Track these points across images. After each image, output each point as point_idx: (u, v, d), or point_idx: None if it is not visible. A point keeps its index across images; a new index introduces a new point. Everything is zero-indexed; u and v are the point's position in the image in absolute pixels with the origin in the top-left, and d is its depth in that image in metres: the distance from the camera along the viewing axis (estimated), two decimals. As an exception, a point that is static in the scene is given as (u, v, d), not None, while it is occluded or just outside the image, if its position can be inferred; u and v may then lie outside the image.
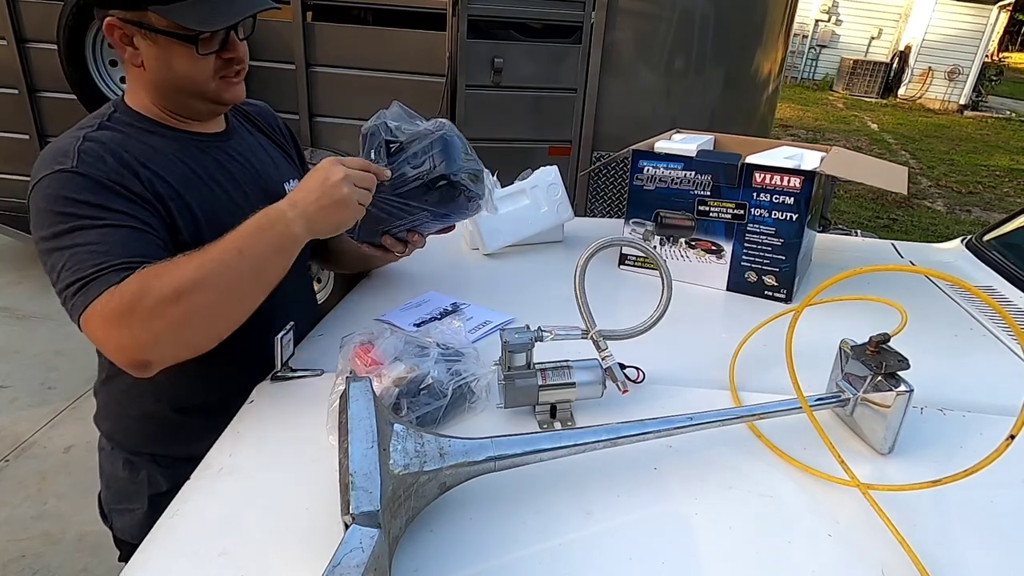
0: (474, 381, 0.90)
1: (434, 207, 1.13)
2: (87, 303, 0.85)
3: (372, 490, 0.61)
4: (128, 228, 0.91)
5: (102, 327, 0.85)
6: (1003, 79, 15.90)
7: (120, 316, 0.84)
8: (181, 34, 0.95)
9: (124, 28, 0.95)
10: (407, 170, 1.09)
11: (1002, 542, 0.75)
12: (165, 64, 0.98)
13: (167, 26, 0.94)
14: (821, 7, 14.43)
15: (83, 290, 0.85)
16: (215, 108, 1.08)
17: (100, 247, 0.87)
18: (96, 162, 0.92)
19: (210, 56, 0.99)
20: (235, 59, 1.02)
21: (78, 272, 0.86)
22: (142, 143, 1.00)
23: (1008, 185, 8.18)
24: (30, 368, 3.12)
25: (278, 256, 0.93)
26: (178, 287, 0.85)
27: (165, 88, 1.01)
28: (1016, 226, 1.72)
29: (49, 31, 3.01)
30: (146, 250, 0.90)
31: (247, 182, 1.11)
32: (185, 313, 0.86)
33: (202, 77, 1.00)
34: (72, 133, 0.97)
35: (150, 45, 0.96)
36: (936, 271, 0.83)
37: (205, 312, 0.88)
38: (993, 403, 0.96)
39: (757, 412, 0.86)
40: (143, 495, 1.16)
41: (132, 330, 0.85)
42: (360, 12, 3.00)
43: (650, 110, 3.09)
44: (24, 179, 3.39)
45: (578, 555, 0.70)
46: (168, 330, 0.86)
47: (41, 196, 0.91)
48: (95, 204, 0.90)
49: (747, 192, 1.27)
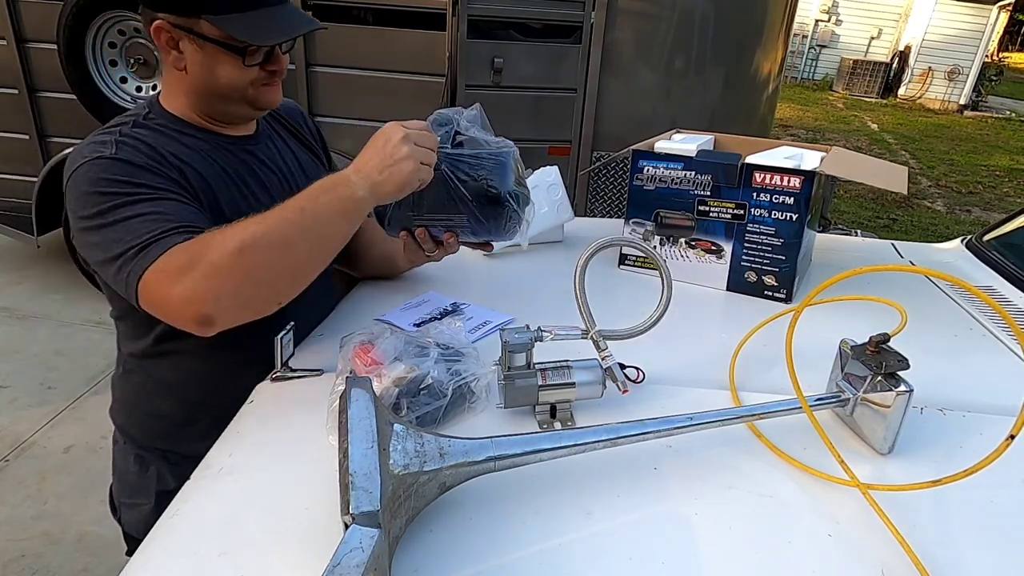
0: (474, 381, 0.90)
1: (475, 213, 1.09)
2: (147, 264, 0.85)
3: (372, 490, 0.61)
4: (177, 202, 0.93)
5: (165, 283, 0.85)
6: (1003, 79, 15.90)
7: (183, 270, 0.84)
8: (230, 44, 0.97)
9: (172, 32, 0.97)
10: (464, 169, 1.06)
11: (1002, 542, 0.75)
12: (209, 71, 1.00)
13: (217, 35, 0.96)
14: (821, 7, 14.43)
15: (143, 251, 0.85)
16: (252, 113, 1.10)
17: (154, 216, 0.89)
18: (135, 150, 0.94)
19: (254, 67, 1.01)
20: (277, 71, 1.05)
21: (136, 238, 0.86)
22: (175, 143, 1.01)
23: (1008, 185, 8.18)
24: (30, 368, 3.12)
25: (342, 218, 0.92)
26: (241, 241, 0.85)
27: (205, 93, 1.03)
28: (1016, 226, 1.72)
29: (49, 31, 3.01)
30: (199, 220, 0.92)
31: (274, 185, 1.13)
32: (248, 268, 0.86)
33: (244, 84, 1.02)
34: (107, 129, 0.99)
35: (196, 51, 0.98)
36: (936, 271, 0.83)
37: (267, 268, 0.88)
38: (993, 403, 0.96)
39: (757, 412, 0.86)
40: (151, 491, 1.18)
41: (195, 283, 0.84)
42: (360, 12, 3.00)
43: (650, 110, 3.09)
44: (24, 179, 3.42)
45: (578, 555, 0.70)
46: (231, 285, 0.86)
47: (83, 180, 0.91)
48: (140, 183, 0.92)
49: (747, 192, 1.27)
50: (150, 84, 3.17)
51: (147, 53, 3.09)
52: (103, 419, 1.24)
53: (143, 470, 1.19)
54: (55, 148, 3.35)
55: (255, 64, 1.01)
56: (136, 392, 1.18)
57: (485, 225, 1.10)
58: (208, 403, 1.11)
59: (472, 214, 1.08)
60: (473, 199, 1.06)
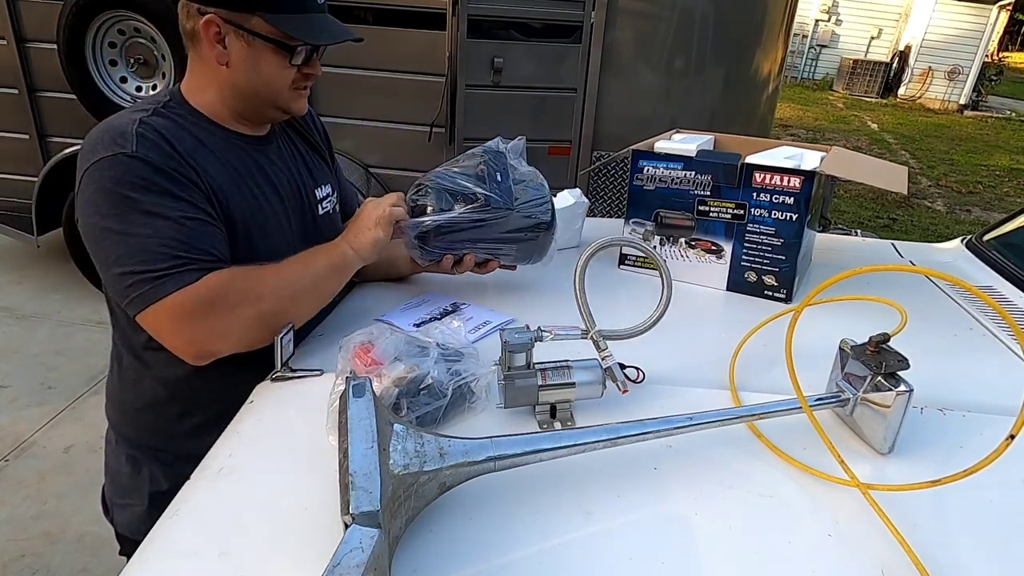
0: (474, 381, 0.90)
1: (524, 243, 1.21)
2: (159, 296, 0.91)
3: (372, 490, 0.61)
4: (195, 220, 0.96)
5: (176, 320, 0.93)
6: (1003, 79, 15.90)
7: (200, 313, 0.93)
8: (280, 42, 1.01)
9: (222, 27, 0.99)
10: (524, 206, 1.18)
11: (1002, 542, 0.75)
12: (253, 67, 1.03)
13: (269, 32, 1.00)
14: (821, 7, 14.43)
15: (157, 283, 0.91)
16: (279, 116, 1.13)
17: (170, 240, 0.92)
18: (154, 147, 0.96)
19: (293, 68, 1.05)
20: (312, 75, 1.09)
21: (149, 263, 0.91)
22: (191, 136, 1.03)
23: (1008, 185, 8.18)
24: (30, 368, 3.12)
25: (335, 275, 1.08)
26: (258, 293, 0.97)
27: (242, 89, 1.06)
28: (1016, 226, 1.72)
29: (49, 31, 3.01)
30: (214, 244, 0.97)
31: (282, 186, 1.15)
32: (259, 315, 0.97)
33: (282, 84, 1.06)
34: (127, 115, 1.00)
35: (243, 47, 1.01)
36: (936, 271, 0.83)
37: (274, 316, 0.98)
38: (993, 403, 0.96)
39: (757, 412, 0.86)
40: (144, 492, 1.18)
41: (210, 325, 0.94)
42: (360, 12, 3.00)
43: (650, 110, 3.09)
44: (24, 179, 3.42)
45: (578, 555, 0.70)
46: (240, 329, 0.97)
47: (104, 176, 0.93)
48: (161, 191, 0.94)
49: (747, 192, 1.27)
50: (150, 84, 3.17)
51: (147, 53, 3.09)
52: (103, 419, 1.24)
53: (135, 471, 1.19)
54: (55, 148, 3.35)
55: (299, 65, 1.05)
56: (131, 386, 1.17)
57: (528, 253, 1.23)
58: (203, 399, 1.12)
59: (521, 244, 1.21)
60: (525, 231, 1.19)
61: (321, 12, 1.07)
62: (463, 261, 1.20)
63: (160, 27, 2.94)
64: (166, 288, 0.91)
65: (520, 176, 1.20)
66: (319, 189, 1.23)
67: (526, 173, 1.21)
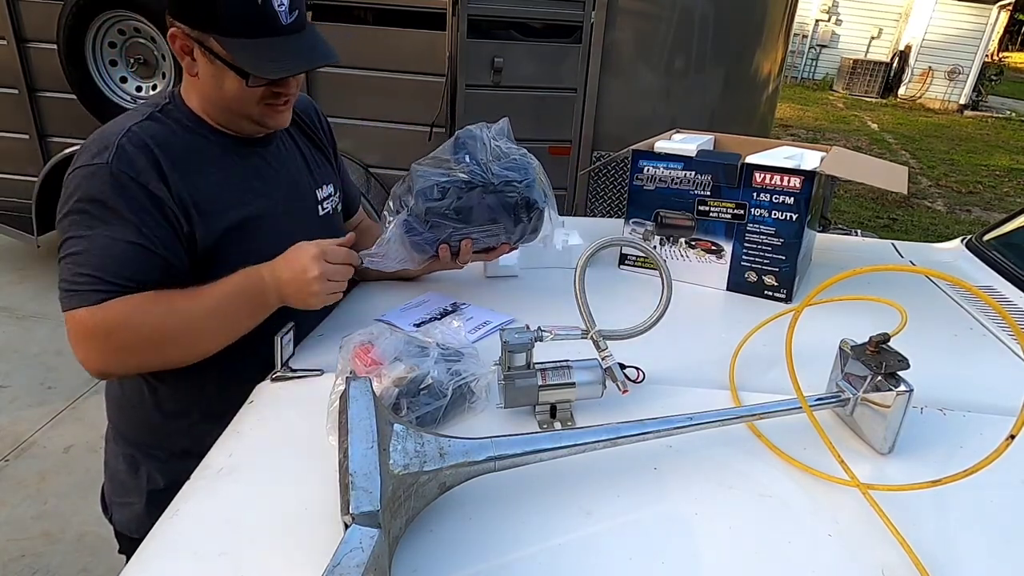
0: (474, 381, 0.90)
1: (512, 219, 1.17)
2: (68, 308, 0.96)
3: (372, 490, 0.61)
4: (129, 244, 0.97)
5: (76, 337, 0.97)
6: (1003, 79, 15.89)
7: (95, 337, 0.96)
8: (235, 67, 0.99)
9: (185, 40, 1.00)
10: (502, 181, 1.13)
11: (1002, 542, 0.75)
12: (217, 84, 1.02)
13: (224, 56, 0.98)
14: (821, 7, 14.42)
15: (68, 294, 0.96)
16: (257, 129, 1.11)
17: (96, 257, 0.95)
18: (129, 162, 0.97)
19: (260, 88, 1.02)
20: (283, 94, 1.06)
21: (70, 274, 0.96)
22: (184, 142, 1.03)
23: (1008, 185, 8.18)
24: (30, 368, 3.12)
25: (250, 320, 1.03)
26: (157, 336, 0.98)
27: (214, 102, 1.06)
28: (1016, 226, 1.72)
29: (49, 31, 3.01)
30: (136, 272, 0.97)
31: (280, 188, 1.14)
32: (157, 355, 1.01)
33: (249, 102, 1.04)
34: (121, 121, 1.02)
35: (207, 63, 1.01)
36: (936, 271, 0.83)
37: (173, 358, 1.02)
38: (993, 403, 0.96)
39: (757, 412, 0.86)
40: (142, 490, 1.18)
41: (103, 353, 0.98)
42: (360, 12, 3.00)
43: (650, 110, 3.09)
44: (24, 179, 3.42)
45: (578, 555, 0.70)
46: (135, 361, 1.02)
47: (72, 183, 0.98)
48: (110, 207, 0.96)
49: (747, 192, 1.27)
50: (150, 84, 3.17)
51: (147, 53, 3.09)
52: (103, 419, 1.24)
53: (133, 469, 1.19)
54: (55, 148, 3.35)
55: (260, 86, 1.02)
56: (129, 384, 1.18)
57: (519, 229, 1.18)
58: (202, 398, 1.12)
59: (509, 220, 1.16)
60: (511, 206, 1.14)
61: (287, 33, 0.99)
62: (461, 249, 1.16)
63: (160, 27, 2.94)
64: (72, 302, 0.95)
65: (504, 153, 1.16)
66: (320, 189, 1.23)
67: (511, 151, 1.17)
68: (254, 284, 1.01)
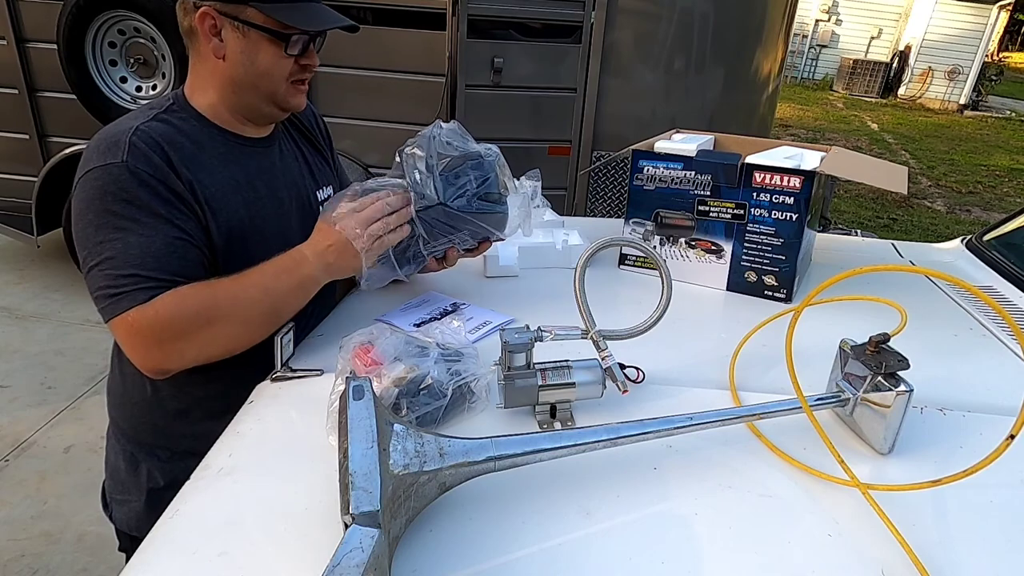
0: (474, 381, 0.90)
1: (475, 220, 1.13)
2: (116, 312, 0.93)
3: (372, 490, 0.61)
4: (166, 238, 0.96)
5: (131, 338, 0.94)
6: (1003, 79, 15.91)
7: (152, 335, 0.93)
8: (275, 31, 1.01)
9: (217, 19, 1.00)
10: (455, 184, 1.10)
11: (1002, 542, 0.75)
12: (249, 59, 1.03)
13: (264, 22, 1.00)
14: (821, 7, 14.43)
15: (114, 299, 0.93)
16: (277, 113, 1.12)
17: (136, 256, 0.93)
18: (144, 158, 0.96)
19: (292, 58, 1.05)
20: (310, 66, 1.09)
21: (110, 279, 0.93)
22: (190, 141, 1.03)
23: (1008, 185, 8.18)
24: (30, 368, 3.12)
25: (300, 296, 1.02)
26: (209, 317, 0.95)
27: (240, 83, 1.05)
28: (1016, 226, 1.72)
29: (49, 31, 3.01)
30: (181, 265, 0.97)
31: (283, 189, 1.15)
32: (212, 338, 0.97)
33: (280, 76, 1.05)
34: (127, 121, 1.01)
35: (239, 38, 1.01)
36: (936, 271, 0.83)
37: (229, 339, 0.98)
38: (993, 403, 0.96)
39: (757, 412, 0.86)
40: (141, 488, 1.19)
41: (163, 348, 0.95)
42: (360, 12, 3.00)
43: (650, 110, 3.09)
44: (24, 179, 3.42)
45: (578, 555, 0.70)
46: (194, 350, 0.97)
47: (91, 186, 0.95)
48: (139, 205, 0.95)
49: (747, 192, 1.27)
50: (150, 84, 3.17)
51: (147, 53, 3.09)
52: (103, 419, 1.25)
53: (133, 467, 1.19)
54: (55, 148, 3.35)
55: (294, 55, 1.04)
56: (130, 383, 1.18)
57: (485, 228, 1.14)
58: (202, 398, 1.12)
59: (473, 221, 1.12)
60: (471, 208, 1.11)
61: (315, 0, 1.07)
62: (447, 256, 1.17)
63: (160, 27, 2.94)
64: (122, 305, 0.92)
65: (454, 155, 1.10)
66: (320, 191, 1.24)
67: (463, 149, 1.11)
68: (295, 259, 1.01)
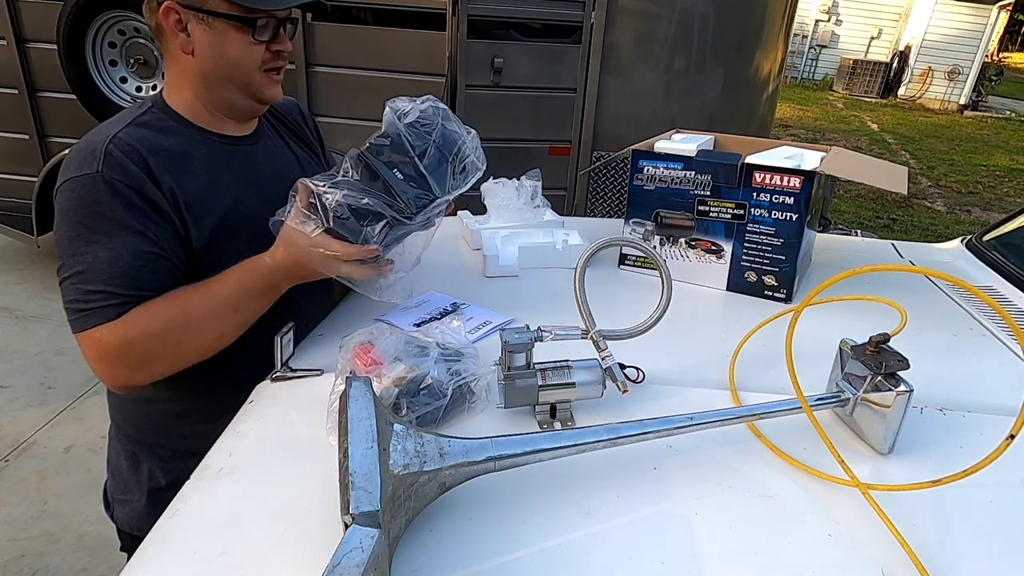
0: (474, 381, 0.90)
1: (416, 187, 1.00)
2: (85, 327, 0.94)
3: (372, 490, 0.61)
4: (136, 253, 0.95)
5: (98, 356, 0.95)
6: (1003, 79, 15.91)
7: (119, 356, 0.95)
8: (240, 17, 0.99)
9: (181, 13, 0.98)
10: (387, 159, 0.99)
11: (1002, 542, 0.75)
12: (218, 50, 1.01)
13: (228, 8, 0.98)
14: (821, 7, 14.43)
15: (82, 314, 0.94)
16: (254, 106, 1.10)
17: (105, 271, 0.93)
18: (119, 167, 0.95)
19: (262, 44, 1.02)
20: (282, 52, 1.06)
21: (80, 293, 0.94)
22: (171, 144, 1.02)
23: (1008, 185, 8.18)
24: (30, 368, 3.12)
25: (261, 301, 1.03)
26: (177, 338, 0.97)
27: (212, 77, 1.04)
28: (1016, 226, 1.72)
29: (49, 31, 3.01)
30: (150, 280, 0.97)
31: (270, 187, 1.12)
32: (182, 355, 0.99)
33: (252, 64, 1.03)
34: (105, 129, 1.00)
35: (205, 30, 0.99)
36: (936, 271, 0.83)
37: (198, 353, 1.00)
38: (993, 403, 0.96)
39: (757, 412, 0.86)
40: (143, 488, 1.19)
41: (129, 369, 0.97)
42: (360, 12, 3.00)
43: (650, 110, 3.09)
44: (24, 179, 3.42)
45: (578, 555, 0.70)
46: (161, 368, 0.99)
47: (67, 197, 0.95)
48: (111, 217, 0.94)
49: (747, 192, 1.27)
50: (150, 84, 3.17)
51: (147, 53, 3.09)
52: (103, 419, 1.25)
53: (135, 467, 1.19)
54: (55, 148, 3.35)
55: (263, 41, 1.02)
56: None
57: (433, 192, 1.01)
58: (202, 398, 1.12)
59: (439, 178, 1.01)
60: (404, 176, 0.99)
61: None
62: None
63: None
64: (90, 321, 0.93)
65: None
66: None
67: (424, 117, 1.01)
68: (258, 268, 1.00)
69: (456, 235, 1.60)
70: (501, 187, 1.53)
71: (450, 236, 1.60)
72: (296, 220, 0.97)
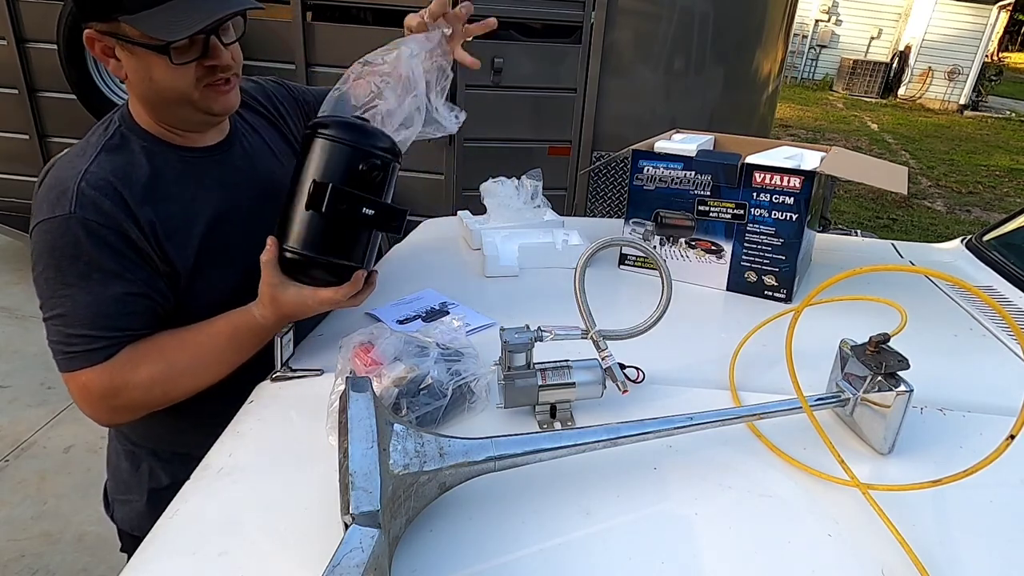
0: (474, 381, 0.90)
1: None
2: (70, 369, 0.94)
3: (372, 490, 0.61)
4: (115, 295, 0.94)
5: (84, 398, 0.96)
6: (1003, 79, 15.91)
7: (103, 401, 0.96)
8: (152, 44, 0.90)
9: (103, 40, 0.93)
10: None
11: (1002, 542, 0.75)
12: (146, 76, 0.94)
13: (139, 36, 0.89)
14: (821, 7, 14.43)
15: (67, 356, 0.94)
16: (207, 119, 1.03)
17: (85, 316, 0.92)
18: (93, 206, 0.92)
19: (189, 65, 0.93)
20: (219, 66, 0.96)
21: (62, 335, 0.93)
22: (144, 169, 0.98)
23: (1008, 185, 8.18)
24: (30, 368, 3.12)
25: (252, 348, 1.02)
26: (165, 390, 0.98)
27: (153, 100, 0.98)
28: (1016, 226, 1.72)
29: (49, 31, 3.01)
30: (130, 321, 0.96)
31: (250, 191, 1.09)
32: (167, 399, 1.00)
33: (184, 86, 0.95)
34: (75, 162, 0.95)
35: (129, 56, 0.93)
36: (936, 271, 0.83)
37: (183, 395, 1.00)
38: (993, 403, 0.96)
39: (757, 412, 0.86)
40: (143, 488, 1.19)
41: (114, 411, 0.98)
42: (360, 12, 3.00)
43: (650, 110, 3.09)
44: (24, 179, 3.42)
45: (578, 555, 0.70)
46: (144, 410, 1.00)
47: (42, 239, 0.93)
48: (87, 260, 0.92)
49: (747, 192, 1.27)
50: (150, 84, 3.17)
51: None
52: (103, 419, 1.24)
53: (134, 467, 1.19)
54: (55, 148, 3.35)
55: (188, 61, 0.93)
56: None
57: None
58: (202, 398, 1.11)
59: None
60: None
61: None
62: None
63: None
64: (75, 364, 0.93)
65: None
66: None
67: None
68: (248, 324, 0.99)
69: (456, 235, 1.60)
70: (501, 187, 1.53)
71: (450, 236, 1.60)
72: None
